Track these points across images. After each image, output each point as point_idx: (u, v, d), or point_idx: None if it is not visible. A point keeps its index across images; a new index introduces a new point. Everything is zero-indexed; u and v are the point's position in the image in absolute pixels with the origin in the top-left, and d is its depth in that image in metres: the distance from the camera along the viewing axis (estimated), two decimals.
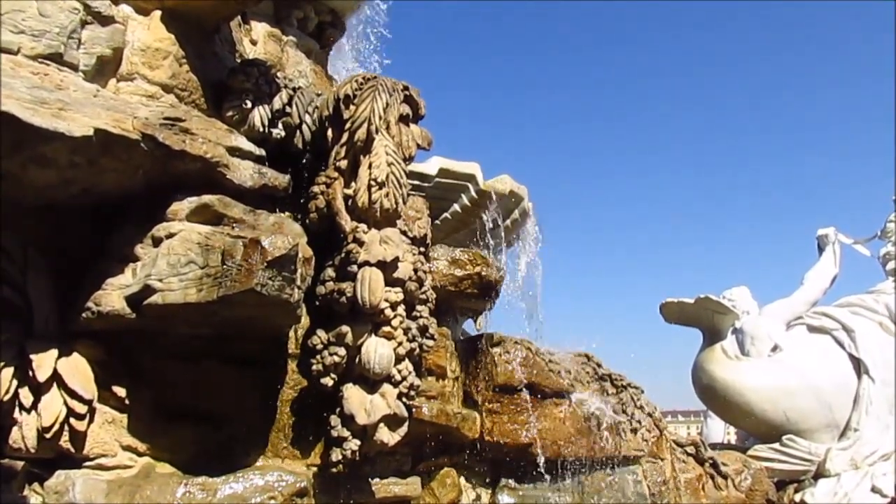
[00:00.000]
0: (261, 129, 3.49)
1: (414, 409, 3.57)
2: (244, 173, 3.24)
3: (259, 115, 3.48)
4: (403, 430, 3.35)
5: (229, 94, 3.48)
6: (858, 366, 7.96)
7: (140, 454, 3.12)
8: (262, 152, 3.42)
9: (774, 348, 8.13)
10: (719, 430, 10.84)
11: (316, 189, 3.42)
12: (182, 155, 2.99)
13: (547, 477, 4.74)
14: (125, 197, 3.07)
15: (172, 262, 2.84)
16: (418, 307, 3.51)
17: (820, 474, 7.58)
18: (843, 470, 7.54)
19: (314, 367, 3.24)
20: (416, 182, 4.20)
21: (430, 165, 4.57)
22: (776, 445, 7.78)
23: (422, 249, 3.69)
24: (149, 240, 2.99)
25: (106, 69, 3.17)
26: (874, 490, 7.36)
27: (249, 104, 3.46)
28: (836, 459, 7.57)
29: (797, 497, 7.43)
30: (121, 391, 3.10)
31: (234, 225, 3.01)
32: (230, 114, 3.44)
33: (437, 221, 4.61)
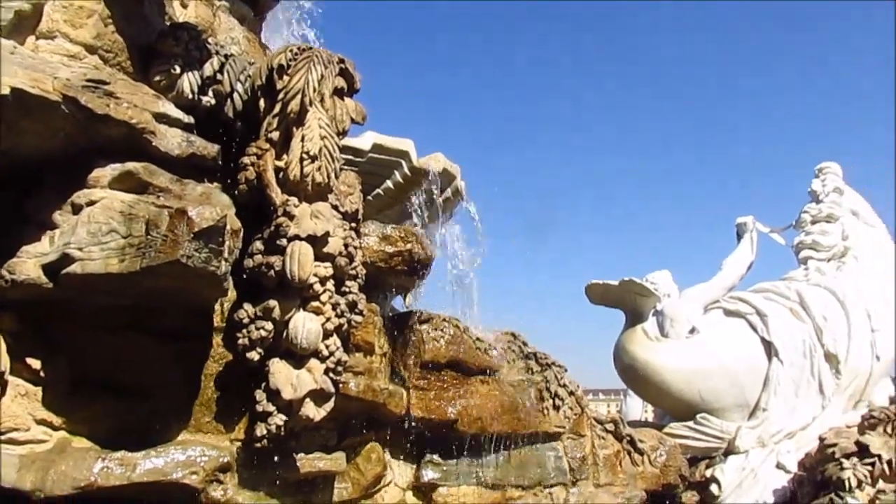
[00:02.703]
0: (190, 96, 3.38)
1: (341, 385, 3.56)
2: (171, 141, 3.14)
3: (188, 82, 3.38)
4: (330, 405, 3.35)
5: (157, 59, 3.36)
6: (769, 349, 8.33)
7: (55, 428, 3.02)
8: (191, 120, 3.32)
9: (692, 330, 8.43)
10: (638, 408, 11.20)
11: (246, 160, 3.34)
12: (105, 119, 2.88)
13: (471, 452, 4.83)
14: (45, 161, 2.94)
15: (93, 231, 2.74)
16: (348, 283, 3.49)
17: (730, 451, 7.93)
18: (751, 447, 7.91)
19: (240, 342, 3.19)
20: (349, 157, 4.16)
21: (364, 140, 4.53)
22: (690, 423, 8.09)
23: (353, 225, 3.67)
24: (68, 206, 2.87)
25: (24, 25, 3.01)
26: (779, 466, 7.76)
27: (178, 69, 3.35)
28: (745, 437, 7.93)
29: (708, 473, 7.75)
30: (35, 363, 2.98)
31: (160, 194, 2.93)
32: (158, 79, 3.32)
33: (370, 197, 4.58)
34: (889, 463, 6.85)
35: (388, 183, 4.81)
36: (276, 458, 3.36)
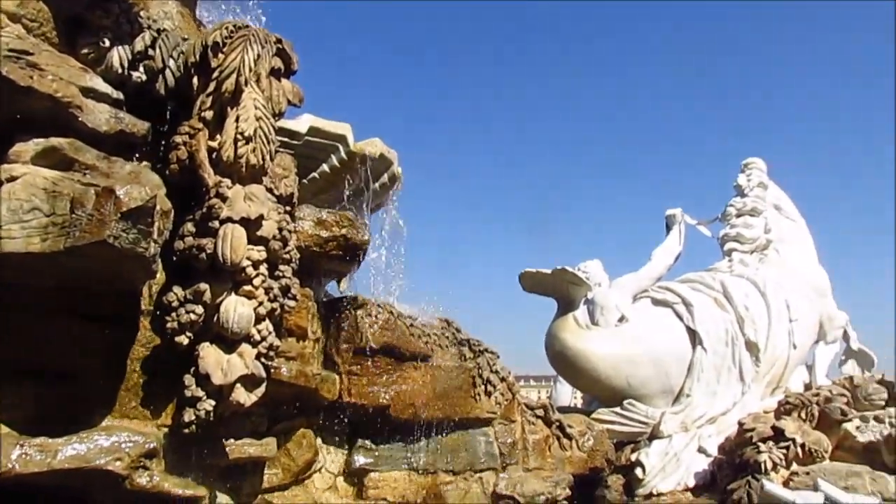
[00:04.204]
0: (119, 71, 3.27)
1: (273, 370, 3.53)
2: (99, 117, 3.03)
3: (118, 56, 3.26)
4: (261, 390, 3.31)
5: (85, 31, 3.23)
6: (694, 337, 8.59)
7: None
8: (120, 96, 3.21)
9: (621, 319, 8.62)
10: (567, 394, 11.40)
11: (178, 139, 3.25)
12: (28, 91, 2.75)
13: (403, 438, 4.85)
14: None
15: (13, 208, 2.63)
16: (281, 267, 3.45)
17: (654, 436, 8.16)
18: (674, 432, 8.15)
19: (169, 325, 3.12)
20: (284, 139, 4.09)
21: (301, 123, 4.46)
22: (617, 409, 8.29)
23: (287, 208, 3.62)
24: None
25: None
26: (700, 450, 8.02)
27: (108, 43, 3.23)
28: (669, 422, 8.17)
29: (633, 456, 7.96)
30: None
31: (86, 171, 2.82)
32: (86, 51, 3.20)
33: (305, 181, 4.52)
34: (802, 446, 7.17)
35: (325, 167, 4.76)
36: (204, 445, 3.31)
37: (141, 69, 3.37)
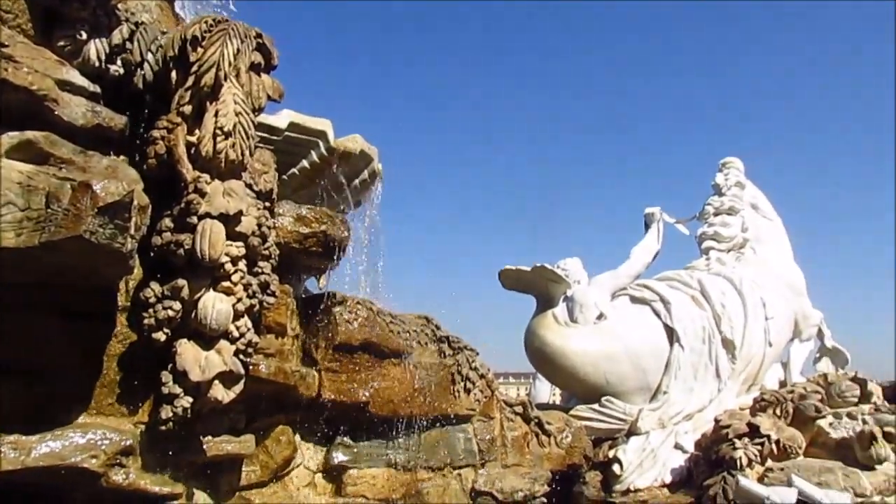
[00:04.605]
0: (96, 64, 3.23)
1: (251, 367, 3.51)
2: (75, 110, 2.99)
3: (95, 49, 3.22)
4: (239, 387, 3.29)
5: (62, 23, 3.18)
6: (671, 335, 8.64)
7: None
8: (97, 89, 3.17)
9: (600, 316, 8.64)
10: (546, 391, 11.42)
11: (156, 133, 3.22)
12: (3, 84, 2.72)
13: (382, 435, 4.84)
14: None
15: None
16: (260, 263, 3.43)
17: (632, 432, 8.19)
18: (651, 428, 8.19)
19: (146, 321, 3.10)
20: (264, 134, 4.06)
21: (281, 118, 4.43)
22: (595, 406, 8.31)
23: (267, 204, 3.60)
24: None
25: None
26: (677, 447, 8.07)
27: (84, 35, 3.19)
28: (647, 419, 8.21)
29: (611, 453, 7.98)
30: None
31: (62, 166, 2.78)
32: (62, 44, 3.15)
33: (285, 177, 4.49)
34: (777, 443, 7.24)
35: (305, 163, 4.72)
36: (181, 442, 3.29)
37: (118, 62, 3.34)
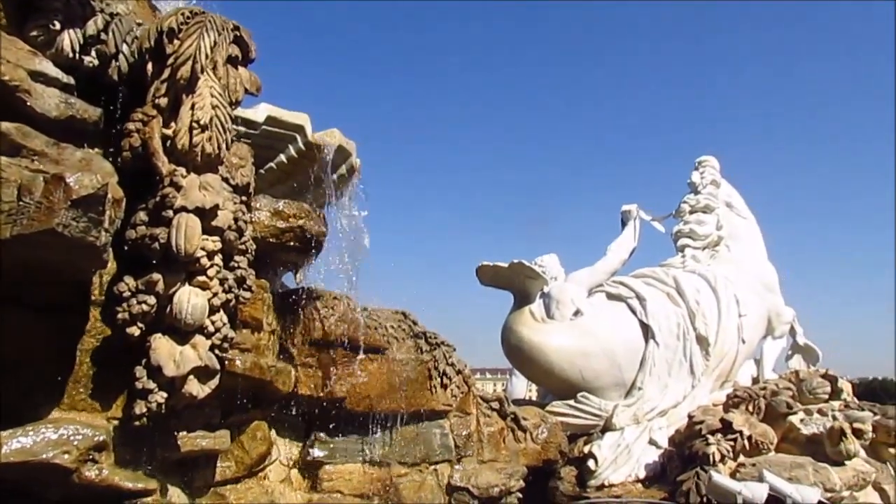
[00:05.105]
0: (70, 55, 3.17)
1: (227, 362, 3.49)
2: (49, 102, 2.95)
3: (69, 40, 3.17)
4: (215, 382, 3.27)
5: (35, 12, 3.12)
6: (647, 331, 8.71)
7: None
8: (71, 81, 3.12)
9: (576, 312, 8.69)
10: (522, 387, 11.46)
11: (131, 126, 3.18)
12: None
13: (358, 430, 4.84)
14: None
15: None
16: (237, 258, 3.41)
17: (607, 428, 8.25)
18: (626, 424, 8.26)
19: (120, 316, 3.06)
20: (241, 128, 4.03)
21: (258, 112, 4.39)
22: (571, 402, 8.37)
23: (244, 198, 3.58)
24: None
25: None
26: (651, 442, 8.14)
27: (58, 25, 3.13)
28: (621, 415, 8.28)
29: (586, 448, 8.03)
30: None
31: (35, 158, 2.74)
32: (35, 34, 3.09)
33: (262, 171, 4.45)
34: (749, 438, 7.34)
35: (282, 157, 4.69)
36: (156, 437, 3.26)
37: (93, 54, 3.29)
